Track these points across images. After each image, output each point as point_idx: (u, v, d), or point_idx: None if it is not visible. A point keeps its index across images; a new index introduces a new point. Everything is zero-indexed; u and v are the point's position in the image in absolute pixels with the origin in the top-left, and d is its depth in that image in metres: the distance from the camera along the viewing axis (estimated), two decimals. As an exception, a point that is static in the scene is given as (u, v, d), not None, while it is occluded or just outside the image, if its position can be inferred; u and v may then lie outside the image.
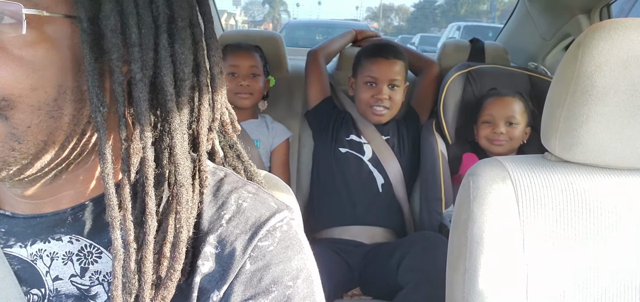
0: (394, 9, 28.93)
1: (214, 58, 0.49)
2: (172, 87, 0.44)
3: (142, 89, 0.42)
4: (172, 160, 0.45)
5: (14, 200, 0.48)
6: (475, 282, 0.75)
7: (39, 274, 0.47)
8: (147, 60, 0.43)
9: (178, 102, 0.45)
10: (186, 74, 0.45)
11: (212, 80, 0.49)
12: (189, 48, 0.45)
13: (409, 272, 1.34)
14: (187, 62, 0.45)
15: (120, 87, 0.42)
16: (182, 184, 0.44)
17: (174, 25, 0.44)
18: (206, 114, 0.48)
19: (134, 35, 0.42)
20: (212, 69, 0.49)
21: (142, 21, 0.42)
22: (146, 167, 0.43)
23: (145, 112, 0.43)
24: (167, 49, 0.43)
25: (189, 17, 0.46)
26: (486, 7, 22.94)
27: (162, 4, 0.43)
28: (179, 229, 0.44)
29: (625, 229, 0.74)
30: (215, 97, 0.49)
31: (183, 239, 0.44)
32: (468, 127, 1.74)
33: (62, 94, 0.41)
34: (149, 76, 0.43)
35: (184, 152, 0.45)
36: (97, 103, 0.41)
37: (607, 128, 0.72)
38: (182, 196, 0.44)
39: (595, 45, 0.72)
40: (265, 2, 26.86)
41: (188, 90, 0.45)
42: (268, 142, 1.76)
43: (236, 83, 1.70)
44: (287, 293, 0.46)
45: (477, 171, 0.80)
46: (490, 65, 1.84)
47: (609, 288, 0.74)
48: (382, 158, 1.69)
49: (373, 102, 1.67)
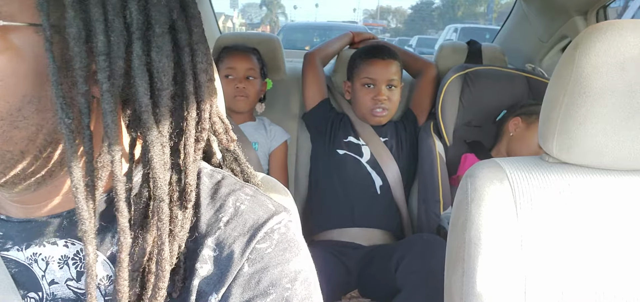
0: (391, 11, 28.97)
1: (200, 65, 0.46)
2: (148, 97, 0.42)
3: (109, 100, 0.40)
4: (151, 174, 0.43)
5: (10, 205, 0.48)
6: (474, 284, 0.75)
7: (36, 278, 0.47)
8: (116, 69, 0.41)
9: (156, 113, 0.43)
10: (164, 83, 0.42)
11: (198, 88, 0.46)
12: (167, 55, 0.43)
13: (408, 274, 1.34)
14: (166, 71, 0.43)
15: (84, 98, 0.40)
16: (161, 198, 0.43)
17: (151, 31, 0.42)
18: (192, 124, 0.46)
19: (101, 43, 0.40)
20: (198, 76, 0.46)
21: (112, 28, 0.40)
22: (115, 182, 0.42)
23: (111, 125, 0.41)
24: (141, 58, 0.41)
25: (169, 23, 0.43)
26: (483, 8, 23.00)
27: (135, 10, 0.41)
28: (161, 245, 0.43)
29: (622, 230, 0.74)
30: (202, 106, 0.47)
31: (165, 256, 0.43)
32: (467, 129, 1.75)
33: (27, 104, 0.40)
34: (118, 86, 0.41)
35: (163, 165, 0.43)
36: (62, 114, 0.40)
37: (604, 129, 0.72)
38: (162, 211, 0.43)
39: (592, 46, 0.72)
40: (262, 5, 26.86)
41: (167, 100, 0.43)
42: (266, 145, 1.76)
43: (233, 85, 1.70)
44: (285, 295, 0.46)
45: (475, 172, 0.80)
46: (487, 67, 1.84)
47: (607, 289, 0.74)
48: (380, 160, 1.69)
49: (373, 105, 1.68)
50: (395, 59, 1.72)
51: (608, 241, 0.74)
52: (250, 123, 1.78)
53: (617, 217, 0.75)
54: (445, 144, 1.74)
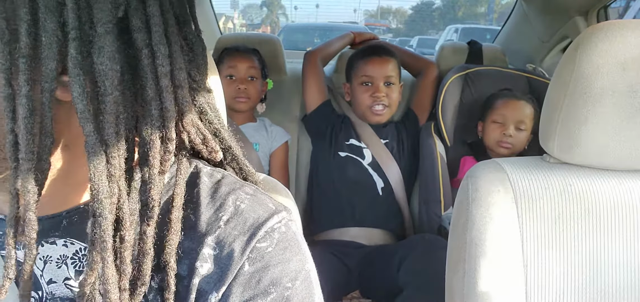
0: (391, 12, 29.00)
1: (161, 68, 0.42)
2: (83, 103, 0.39)
3: (24, 105, 0.38)
4: (90, 185, 0.40)
5: (5, 204, 0.48)
6: (475, 285, 0.75)
7: (35, 277, 0.47)
8: (48, 72, 0.38)
9: (98, 121, 0.40)
10: (108, 87, 0.39)
11: (159, 93, 0.42)
12: (111, 58, 0.39)
13: (409, 274, 1.33)
14: (108, 74, 0.39)
15: (7, 101, 0.38)
16: (99, 213, 0.40)
17: (93, 31, 0.39)
18: (155, 134, 0.42)
19: (23, 44, 0.37)
20: (160, 80, 0.42)
21: (44, 28, 0.38)
22: (24, 192, 0.39)
23: (24, 132, 0.38)
24: (75, 59, 0.38)
25: (113, 22, 0.40)
26: (483, 9, 23.00)
27: (71, 8, 0.38)
28: (103, 267, 0.40)
29: (624, 230, 0.74)
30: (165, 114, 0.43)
31: (107, 278, 0.40)
32: (467, 129, 1.75)
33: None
34: (49, 90, 0.39)
35: (105, 176, 0.40)
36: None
37: (605, 130, 0.72)
38: (102, 228, 0.40)
39: (592, 47, 0.72)
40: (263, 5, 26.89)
41: (112, 106, 0.40)
42: (267, 146, 1.76)
43: (233, 86, 1.70)
44: (286, 294, 0.46)
45: (476, 173, 0.80)
46: (488, 67, 1.84)
47: (608, 290, 0.74)
48: (381, 162, 1.69)
49: (371, 102, 1.68)
50: (392, 57, 1.72)
51: (609, 241, 0.74)
52: (251, 124, 1.78)
53: (618, 218, 0.74)
54: (446, 144, 1.74)
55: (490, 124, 1.63)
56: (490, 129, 1.63)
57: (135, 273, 0.43)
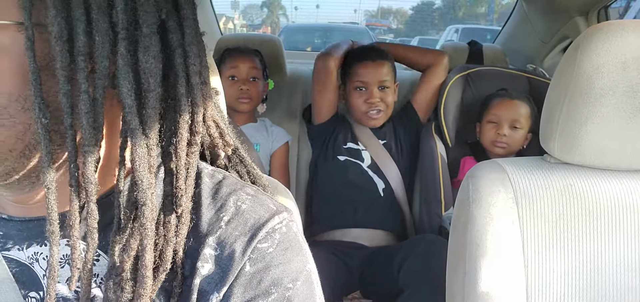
0: (392, 12, 28.98)
1: (193, 67, 0.45)
2: (132, 98, 0.41)
3: (85, 101, 0.40)
4: (136, 176, 0.42)
5: (9, 203, 0.48)
6: (475, 285, 0.75)
7: (37, 277, 0.47)
8: (101, 69, 0.40)
9: (142, 115, 0.42)
10: (151, 84, 0.42)
11: (191, 90, 0.45)
12: (155, 56, 0.42)
13: (410, 275, 1.33)
14: (153, 72, 0.42)
15: (66, 98, 0.40)
16: (143, 202, 0.42)
17: (138, 32, 0.41)
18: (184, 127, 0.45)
19: (81, 43, 0.39)
20: (191, 78, 0.45)
21: (97, 28, 0.40)
22: (86, 183, 0.41)
23: (87, 126, 0.40)
24: (125, 58, 0.41)
25: (157, 23, 0.42)
26: (484, 9, 22.97)
27: (121, 9, 0.40)
28: (142, 251, 0.42)
29: (624, 231, 0.74)
30: (195, 109, 0.46)
31: (146, 264, 0.42)
32: (468, 130, 1.75)
33: (13, 102, 0.39)
34: (102, 87, 0.41)
35: (147, 167, 0.42)
36: (39, 113, 0.39)
37: (605, 130, 0.72)
38: (145, 216, 0.42)
39: (593, 47, 0.72)
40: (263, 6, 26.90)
41: (155, 101, 0.42)
42: (268, 146, 1.76)
43: (236, 87, 1.70)
44: (287, 295, 0.46)
45: (477, 173, 0.80)
46: (489, 67, 1.84)
47: (609, 290, 0.74)
48: (381, 163, 1.68)
49: (366, 108, 1.66)
50: (386, 59, 1.70)
51: (610, 241, 0.74)
52: (252, 124, 1.78)
53: (618, 217, 0.74)
54: (447, 144, 1.74)
55: (485, 124, 1.63)
56: (485, 129, 1.63)
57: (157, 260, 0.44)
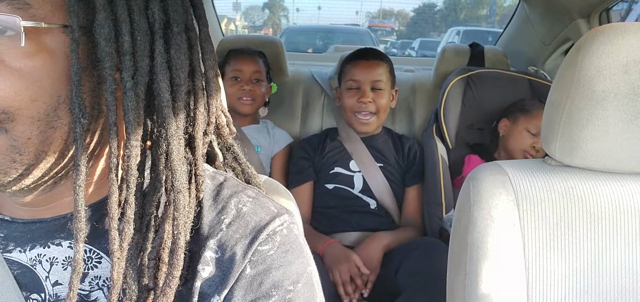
0: (393, 14, 28.96)
1: (209, 61, 0.49)
2: (169, 93, 0.44)
3: (132, 98, 0.42)
4: (169, 166, 0.44)
5: (14, 206, 0.48)
6: (476, 287, 0.74)
7: (38, 279, 0.47)
8: (143, 67, 0.42)
9: (175, 108, 0.44)
10: (182, 79, 0.45)
11: (207, 83, 0.49)
12: (184, 53, 0.45)
13: (409, 276, 1.33)
14: (183, 67, 0.45)
15: (112, 96, 0.42)
16: (179, 189, 0.44)
17: (169, 30, 0.44)
18: (201, 118, 0.48)
19: (127, 43, 0.41)
20: (207, 72, 0.49)
21: (138, 28, 0.42)
22: (128, 176, 0.43)
23: (133, 122, 0.42)
24: (163, 55, 0.43)
25: (184, 22, 0.45)
26: (485, 11, 22.95)
27: (157, 10, 0.43)
28: (177, 235, 0.44)
29: (625, 234, 0.74)
30: (210, 101, 0.49)
31: (181, 245, 0.44)
32: (469, 131, 1.74)
33: (61, 104, 0.41)
34: (143, 84, 0.43)
35: (181, 157, 0.45)
36: (79, 113, 0.41)
37: (607, 132, 0.72)
38: (180, 202, 0.44)
39: (594, 49, 0.72)
40: (265, 7, 26.91)
41: (184, 95, 0.45)
42: (269, 148, 1.76)
43: (239, 88, 1.70)
44: (288, 297, 0.46)
45: (478, 175, 0.80)
46: (490, 69, 1.84)
47: (609, 293, 0.73)
48: (372, 186, 1.63)
49: (357, 108, 1.64)
50: (382, 60, 1.68)
51: (611, 244, 0.74)
52: (254, 126, 1.78)
53: (620, 220, 0.74)
54: (448, 146, 1.74)
55: (522, 130, 1.59)
56: (521, 135, 1.59)
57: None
